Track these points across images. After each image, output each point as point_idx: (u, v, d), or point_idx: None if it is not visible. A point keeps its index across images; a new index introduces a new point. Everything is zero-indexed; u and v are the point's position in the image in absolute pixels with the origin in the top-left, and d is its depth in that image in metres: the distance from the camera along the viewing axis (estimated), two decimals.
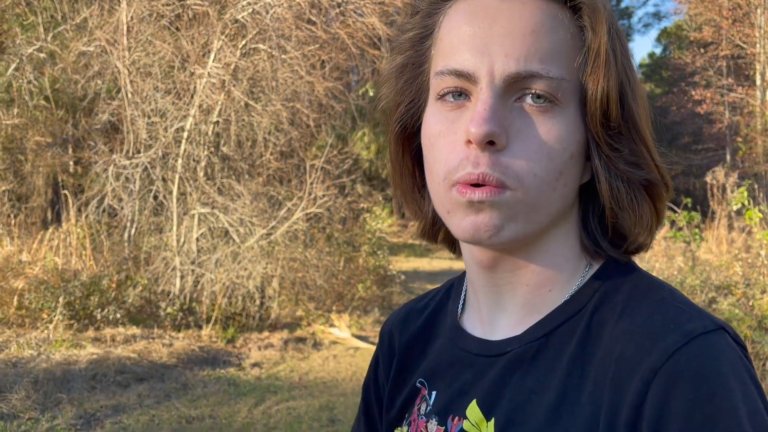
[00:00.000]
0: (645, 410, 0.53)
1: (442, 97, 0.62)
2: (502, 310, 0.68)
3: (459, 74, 0.60)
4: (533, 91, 0.59)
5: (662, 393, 0.52)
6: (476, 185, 0.59)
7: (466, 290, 0.76)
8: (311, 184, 7.90)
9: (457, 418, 0.67)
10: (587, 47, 0.60)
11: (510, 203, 0.59)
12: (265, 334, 7.32)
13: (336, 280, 8.67)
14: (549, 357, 0.62)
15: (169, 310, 7.04)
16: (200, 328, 7.09)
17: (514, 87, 0.59)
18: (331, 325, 7.72)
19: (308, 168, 8.03)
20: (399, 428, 0.76)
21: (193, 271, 7.45)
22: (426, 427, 0.70)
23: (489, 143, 0.58)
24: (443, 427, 0.68)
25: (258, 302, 7.60)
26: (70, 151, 10.35)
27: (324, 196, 7.97)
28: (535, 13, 0.59)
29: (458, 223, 0.61)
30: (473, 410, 0.65)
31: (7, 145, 9.46)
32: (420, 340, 0.77)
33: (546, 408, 0.60)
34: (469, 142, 0.58)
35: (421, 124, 0.67)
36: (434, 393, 0.71)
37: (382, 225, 10.10)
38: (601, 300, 0.63)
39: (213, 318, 7.12)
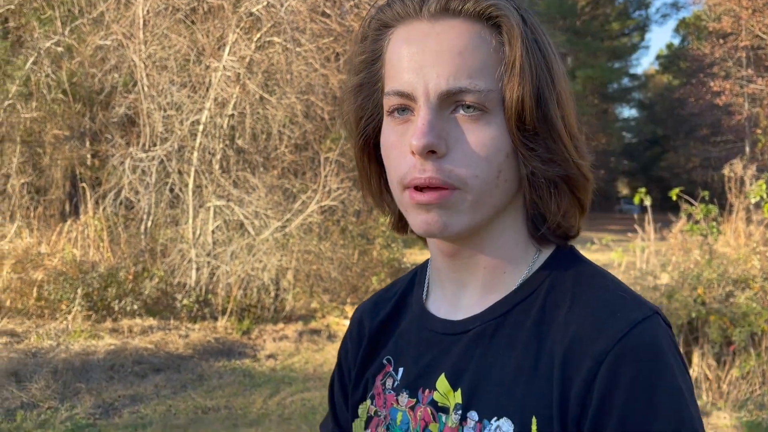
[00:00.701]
0: (596, 384, 0.63)
1: (390, 113, 0.71)
2: (464, 290, 0.77)
3: (401, 94, 0.69)
4: (464, 103, 0.67)
5: (611, 369, 0.62)
6: (424, 188, 0.67)
7: (429, 277, 0.84)
8: (326, 176, 7.91)
9: (427, 390, 0.75)
10: (505, 60, 0.67)
11: (456, 202, 0.68)
12: (280, 325, 7.37)
13: (350, 272, 8.70)
14: (507, 334, 0.71)
15: (185, 301, 7.11)
16: (216, 319, 7.15)
17: (447, 101, 0.67)
18: (346, 317, 7.75)
19: (323, 161, 8.05)
20: (364, 403, 0.83)
21: (208, 263, 7.52)
22: (397, 400, 0.78)
23: (430, 152, 0.66)
24: (414, 399, 0.76)
25: (273, 294, 7.65)
26: (88, 144, 10.45)
27: (338, 188, 7.98)
28: (461, 34, 0.67)
29: (413, 221, 0.71)
30: (442, 383, 0.73)
31: (26, 138, 9.58)
32: (388, 324, 0.85)
33: (506, 379, 0.69)
34: (413, 152, 0.67)
35: None
36: (401, 369, 0.79)
37: None
38: (552, 284, 0.72)
39: (228, 310, 7.18)
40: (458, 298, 0.77)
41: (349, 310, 7.83)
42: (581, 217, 0.74)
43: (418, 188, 0.68)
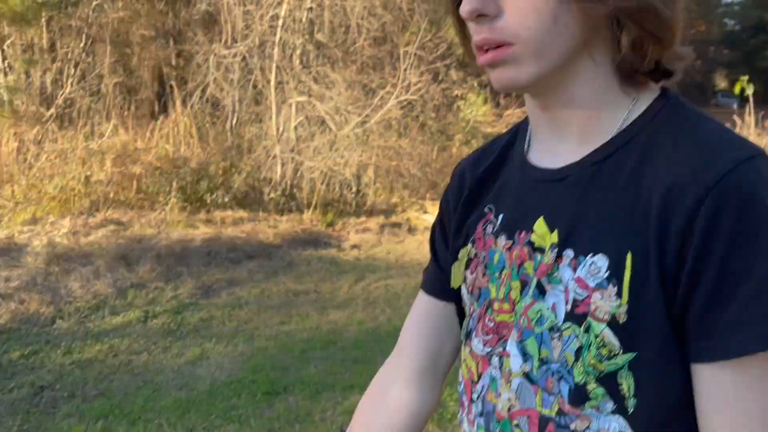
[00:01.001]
0: (698, 220, 0.63)
1: None
2: (561, 141, 0.78)
3: None
4: None
5: (713, 208, 0.63)
6: (485, 49, 0.71)
7: (530, 131, 0.87)
8: (405, 70, 7.81)
9: (524, 232, 0.78)
10: None
11: (515, 56, 0.70)
12: (362, 219, 7.60)
13: (429, 169, 8.74)
14: (605, 178, 0.73)
15: (272, 195, 7.41)
16: (301, 212, 7.45)
17: None
18: (425, 212, 7.87)
19: (402, 54, 7.91)
20: (465, 248, 0.87)
21: (292, 159, 7.73)
22: (495, 242, 0.82)
23: (481, 15, 0.69)
24: (511, 241, 0.80)
25: (354, 189, 7.84)
26: (172, 43, 10.67)
27: (418, 82, 7.88)
28: None
29: (490, 78, 0.74)
30: (540, 225, 0.77)
31: (114, 39, 9.88)
32: (490, 175, 0.89)
33: (603, 219, 0.71)
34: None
35: None
36: (501, 215, 0.83)
37: (476, 113, 9.91)
38: (653, 129, 0.72)
39: (313, 203, 7.43)
40: (556, 148, 0.79)
41: (429, 206, 7.93)
42: (662, 49, 0.72)
43: (482, 49, 0.72)
